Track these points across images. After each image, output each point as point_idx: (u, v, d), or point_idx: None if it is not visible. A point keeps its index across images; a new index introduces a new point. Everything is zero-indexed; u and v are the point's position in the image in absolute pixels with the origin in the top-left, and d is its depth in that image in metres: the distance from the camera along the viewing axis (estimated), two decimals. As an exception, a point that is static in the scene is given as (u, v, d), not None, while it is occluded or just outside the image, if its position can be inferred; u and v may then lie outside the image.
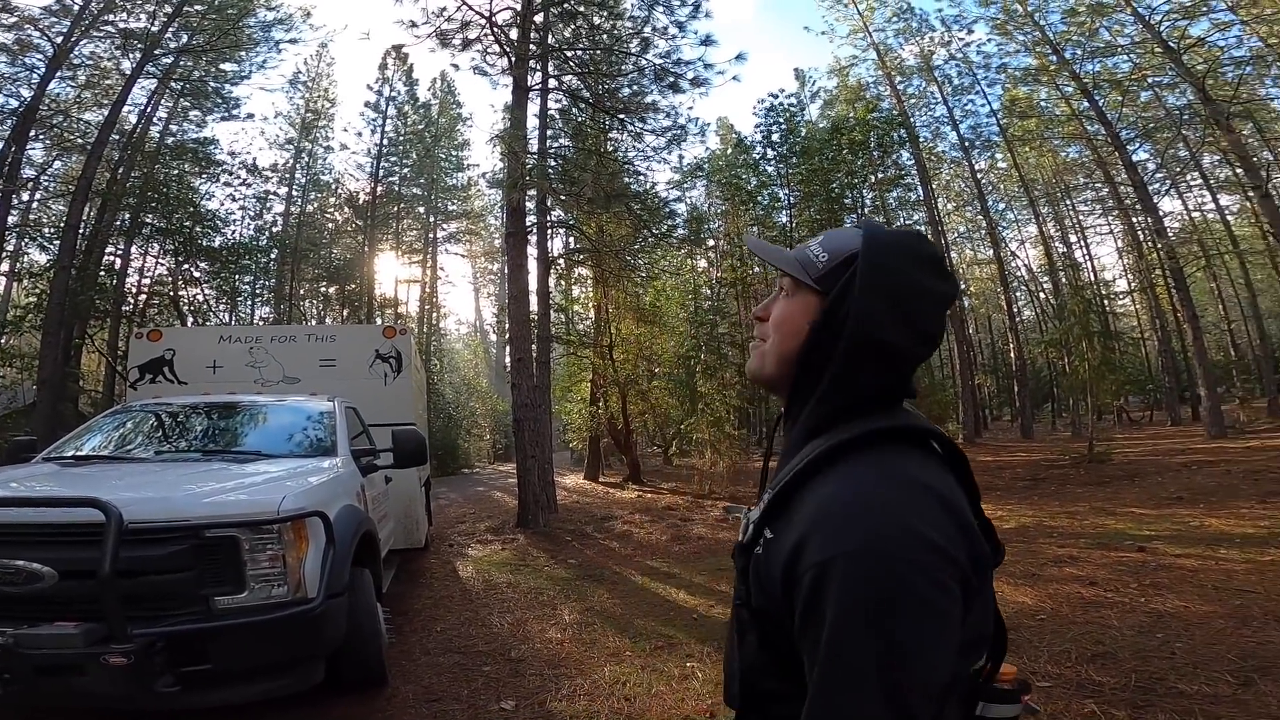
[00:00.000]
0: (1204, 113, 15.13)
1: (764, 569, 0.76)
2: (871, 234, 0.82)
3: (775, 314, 0.87)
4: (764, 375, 0.88)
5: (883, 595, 0.64)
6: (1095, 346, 12.47)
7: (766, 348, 0.87)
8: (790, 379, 0.85)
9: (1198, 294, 22.20)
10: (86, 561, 2.26)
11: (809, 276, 0.83)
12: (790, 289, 0.86)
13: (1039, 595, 4.64)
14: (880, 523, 0.67)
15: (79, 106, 15.90)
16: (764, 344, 0.88)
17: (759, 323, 0.90)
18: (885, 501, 0.69)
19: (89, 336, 16.43)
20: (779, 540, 0.74)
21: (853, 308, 0.77)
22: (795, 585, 0.69)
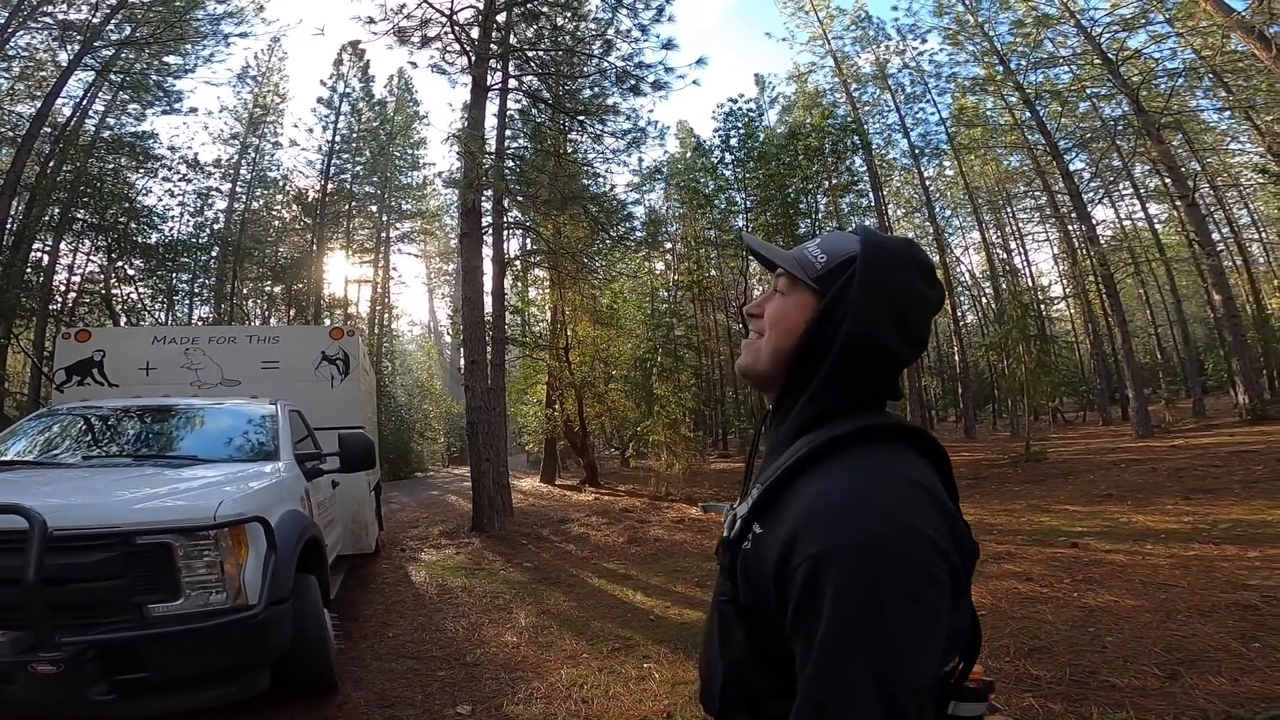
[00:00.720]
0: (1137, 123, 15.88)
1: (753, 564, 0.75)
2: (869, 239, 0.84)
3: (771, 311, 0.87)
4: (756, 371, 0.88)
5: (878, 590, 0.64)
6: (1032, 350, 12.99)
7: (761, 344, 0.87)
8: (782, 376, 0.85)
9: (1127, 299, 23.38)
10: (10, 569, 2.19)
11: (808, 276, 0.83)
12: (787, 288, 0.86)
13: (979, 591, 4.78)
14: (876, 517, 0.67)
15: (11, 98, 15.10)
16: (758, 340, 0.88)
17: (753, 319, 0.90)
18: (880, 496, 0.69)
19: (14, 336, 15.54)
20: (769, 535, 0.74)
21: (850, 308, 0.79)
22: (788, 579, 0.69)
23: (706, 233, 23.24)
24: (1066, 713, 2.87)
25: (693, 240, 22.84)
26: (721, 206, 21.38)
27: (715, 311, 25.84)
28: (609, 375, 16.27)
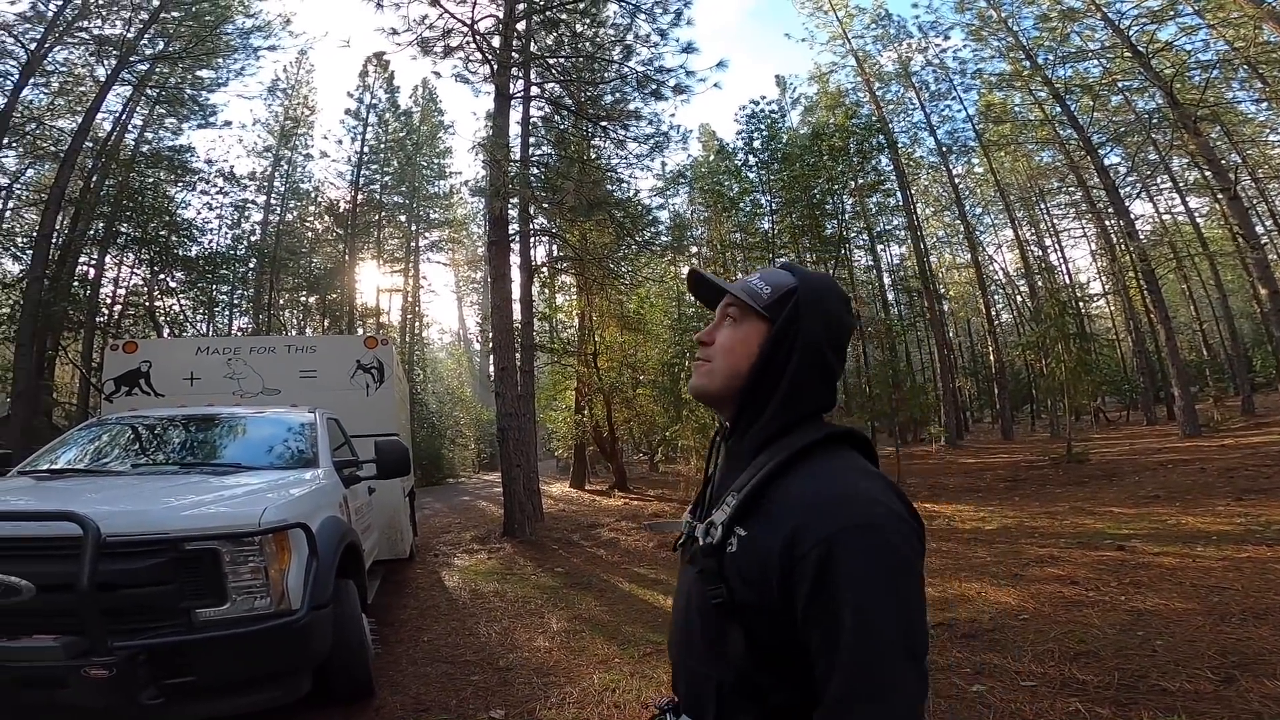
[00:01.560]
0: (1172, 116, 15.44)
1: (745, 563, 0.82)
2: (802, 273, 0.96)
3: (723, 338, 0.95)
4: (710, 391, 0.95)
5: (887, 562, 0.75)
6: (1071, 348, 12.68)
7: (714, 367, 0.95)
8: (737, 395, 0.93)
9: (1170, 295, 22.70)
10: (65, 575, 2.25)
11: (759, 305, 0.93)
12: (739, 316, 0.95)
13: (1021, 595, 4.68)
14: (866, 504, 0.78)
15: (52, 114, 15.65)
16: (709, 364, 0.96)
17: (703, 346, 0.97)
18: (865, 488, 0.81)
19: (63, 348, 16.11)
20: (759, 535, 0.82)
21: (802, 332, 0.90)
22: (794, 566, 0.76)
23: (732, 236, 23.16)
24: (1115, 717, 2.80)
25: (718, 244, 22.77)
26: (746, 209, 21.27)
27: (742, 314, 25.67)
28: (637, 380, 16.28)
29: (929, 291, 22.58)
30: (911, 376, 19.48)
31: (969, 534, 7.25)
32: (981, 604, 4.60)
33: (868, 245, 25.87)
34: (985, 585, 5.04)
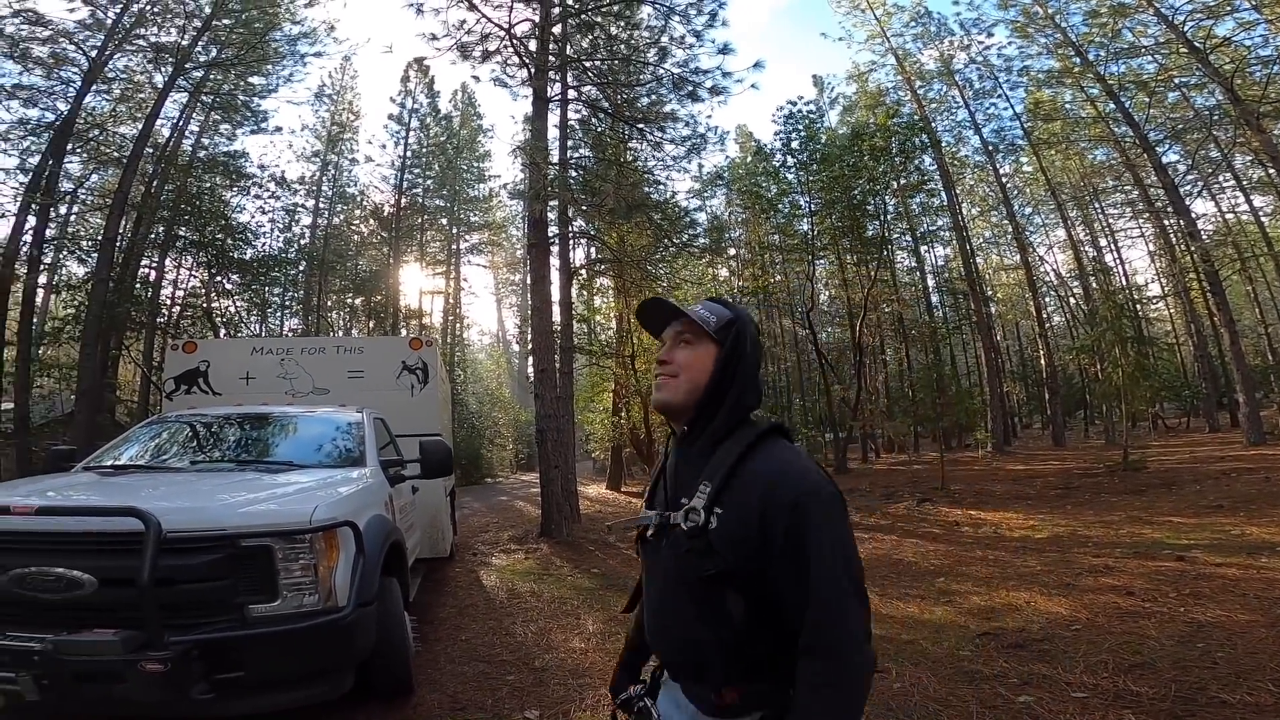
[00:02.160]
0: (1233, 113, 14.81)
1: (728, 533, 1.03)
2: (736, 306, 1.21)
3: (684, 358, 1.15)
4: (674, 403, 1.15)
5: (835, 516, 1.01)
6: (1128, 352, 12.19)
7: (677, 383, 1.14)
8: (694, 405, 1.14)
9: (1234, 297, 21.65)
10: (125, 570, 2.30)
11: (710, 330, 1.14)
12: (693, 339, 1.16)
13: (1074, 605, 4.53)
14: (814, 476, 1.05)
15: (114, 120, 16.28)
16: (673, 380, 1.15)
17: (665, 365, 1.16)
18: (807, 464, 1.07)
19: (125, 348, 16.82)
20: (735, 508, 1.04)
21: (747, 353, 1.15)
22: (772, 518, 1.00)
23: (770, 237, 22.94)
24: (1170, 728, 2.69)
25: (756, 245, 22.60)
26: (785, 210, 21.04)
27: (781, 318, 25.44)
28: (674, 382, 16.25)
29: (975, 293, 21.98)
30: (956, 380, 19.01)
31: (1017, 542, 7.03)
32: (1030, 613, 4.46)
33: (911, 246, 25.33)
34: (1034, 595, 4.89)
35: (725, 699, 1.06)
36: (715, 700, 1.07)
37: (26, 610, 2.37)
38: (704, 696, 1.09)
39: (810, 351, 20.80)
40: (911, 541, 7.54)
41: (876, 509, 10.20)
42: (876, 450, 23.44)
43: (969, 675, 3.46)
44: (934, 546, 7.16)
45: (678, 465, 1.18)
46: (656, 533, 1.14)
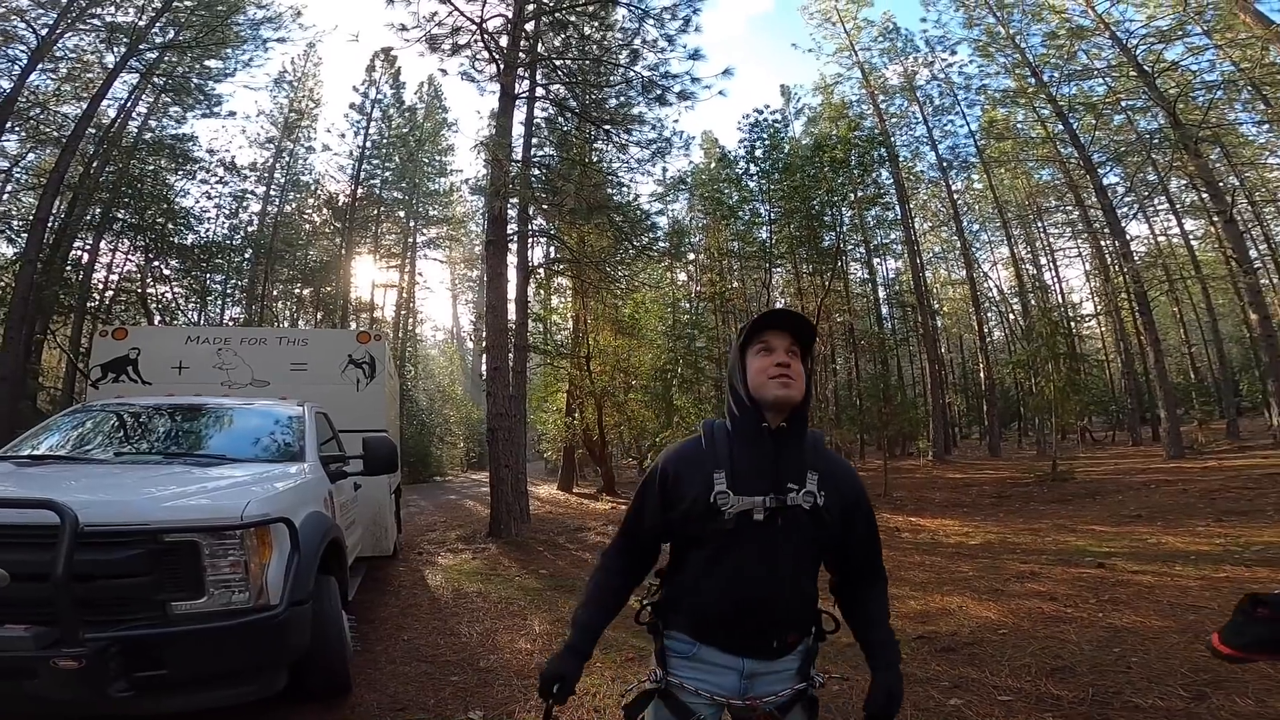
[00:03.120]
0: (1173, 137, 15.53)
1: (832, 509, 1.35)
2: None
3: (796, 367, 1.35)
4: (796, 400, 1.35)
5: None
6: (1061, 368, 12.78)
7: (799, 384, 1.35)
8: (798, 406, 1.36)
9: (1161, 317, 22.85)
10: (40, 564, 2.21)
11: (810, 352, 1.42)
12: (799, 355, 1.38)
13: (1002, 610, 4.71)
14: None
15: (58, 99, 15.50)
16: (796, 381, 1.34)
17: (787, 367, 1.34)
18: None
19: (51, 332, 16.00)
20: (831, 491, 1.35)
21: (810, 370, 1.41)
22: (856, 500, 1.42)
23: (730, 244, 23.19)
24: (1088, 732, 2.82)
25: (715, 251, 22.81)
26: (745, 218, 21.32)
27: (737, 324, 25.75)
28: (629, 385, 16.29)
29: (923, 307, 22.68)
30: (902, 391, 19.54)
31: (953, 548, 7.28)
32: (962, 618, 4.63)
33: (864, 258, 25.98)
34: (966, 599, 5.07)
35: (789, 640, 1.37)
36: (779, 646, 1.35)
37: None
38: (767, 646, 1.35)
39: (764, 358, 21.02)
40: (854, 546, 7.70)
41: (822, 514, 10.39)
42: (825, 456, 23.86)
43: (904, 678, 3.55)
44: (875, 551, 7.33)
45: (771, 456, 1.34)
46: (772, 514, 1.30)
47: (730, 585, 1.32)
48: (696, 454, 1.39)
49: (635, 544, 1.47)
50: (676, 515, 1.36)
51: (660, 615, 1.44)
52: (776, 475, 1.33)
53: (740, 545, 1.31)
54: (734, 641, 1.34)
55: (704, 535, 1.33)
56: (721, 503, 1.30)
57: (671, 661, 1.39)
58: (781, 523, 1.31)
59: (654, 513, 1.41)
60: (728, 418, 1.43)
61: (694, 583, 1.37)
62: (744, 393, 1.37)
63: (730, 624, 1.34)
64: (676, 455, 1.42)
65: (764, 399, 1.34)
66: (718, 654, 1.35)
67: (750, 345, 1.40)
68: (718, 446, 1.37)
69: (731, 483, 1.31)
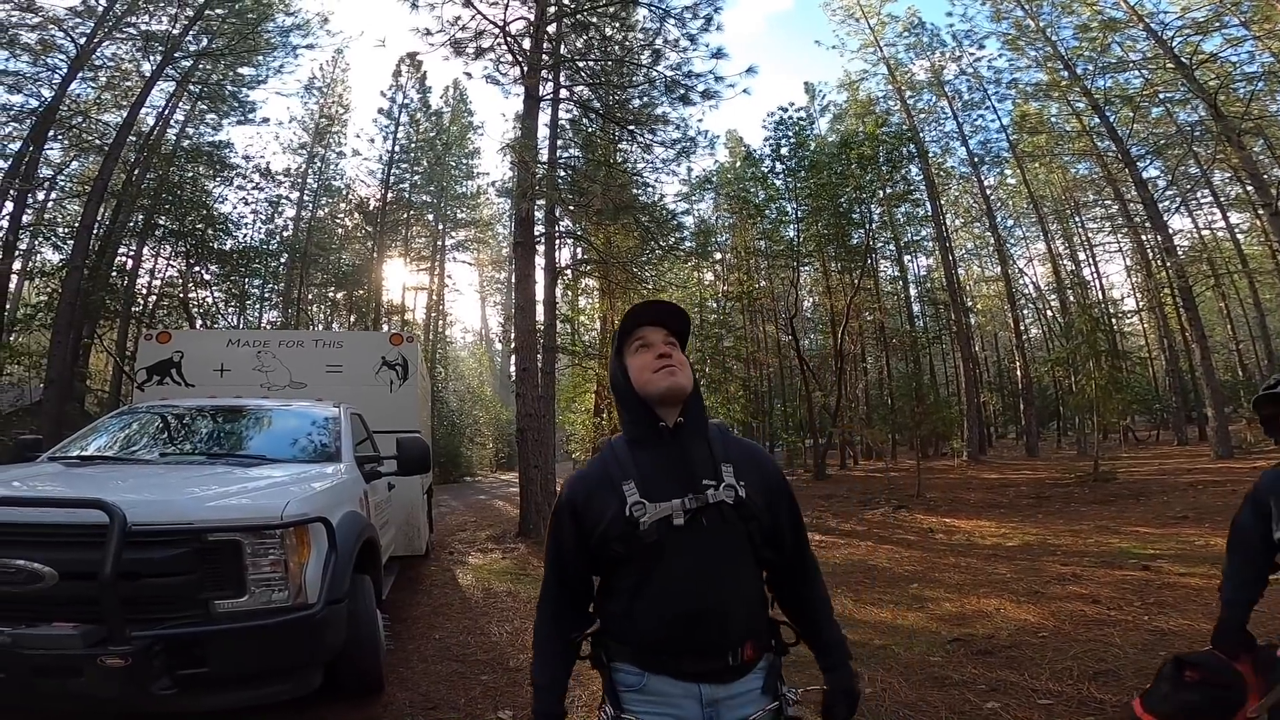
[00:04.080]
0: (1215, 129, 15.10)
1: (755, 498, 1.25)
2: None
3: (678, 357, 1.31)
4: (688, 389, 1.30)
5: None
6: (1102, 365, 12.44)
7: (685, 372, 1.30)
8: (690, 395, 1.31)
9: (1206, 313, 22.08)
10: (88, 563, 2.25)
11: (683, 340, 1.38)
12: (678, 345, 1.35)
13: (1042, 613, 4.60)
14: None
15: (98, 108, 15.97)
16: (682, 369, 1.29)
17: (669, 357, 1.29)
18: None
19: (98, 336, 16.52)
20: (750, 479, 1.26)
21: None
22: (775, 484, 1.33)
23: (756, 243, 23.05)
24: (1133, 739, 2.73)
25: (742, 250, 22.69)
26: (772, 216, 21.16)
27: (765, 323, 25.58)
28: (656, 384, 16.26)
29: (956, 304, 22.26)
30: (935, 390, 19.21)
31: (989, 550, 7.13)
32: (1000, 620, 4.53)
33: (894, 256, 25.59)
34: (1004, 602, 4.96)
35: (746, 654, 1.22)
36: (734, 661, 1.21)
37: None
38: (723, 666, 1.21)
39: (792, 357, 20.93)
40: (886, 548, 7.61)
41: (853, 515, 10.28)
42: (855, 457, 23.64)
43: (939, 681, 3.49)
44: (908, 553, 7.23)
45: (676, 456, 1.27)
46: (694, 515, 1.21)
47: (665, 603, 1.20)
48: (601, 472, 1.29)
49: (565, 586, 1.34)
50: (595, 541, 1.25)
51: (601, 646, 1.30)
52: (689, 474, 1.24)
53: (667, 557, 1.20)
54: (684, 667, 1.20)
55: (628, 554, 1.21)
56: (638, 514, 1.19)
57: (623, 696, 1.24)
58: (707, 524, 1.21)
59: (573, 547, 1.30)
60: (623, 428, 1.35)
61: (627, 607, 1.24)
62: (631, 395, 1.30)
63: (675, 647, 1.20)
64: (580, 479, 1.33)
65: (652, 394, 1.27)
66: (670, 683, 1.21)
67: (627, 346, 1.34)
68: (620, 459, 1.28)
69: (644, 490, 1.22)
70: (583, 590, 1.35)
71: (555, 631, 1.32)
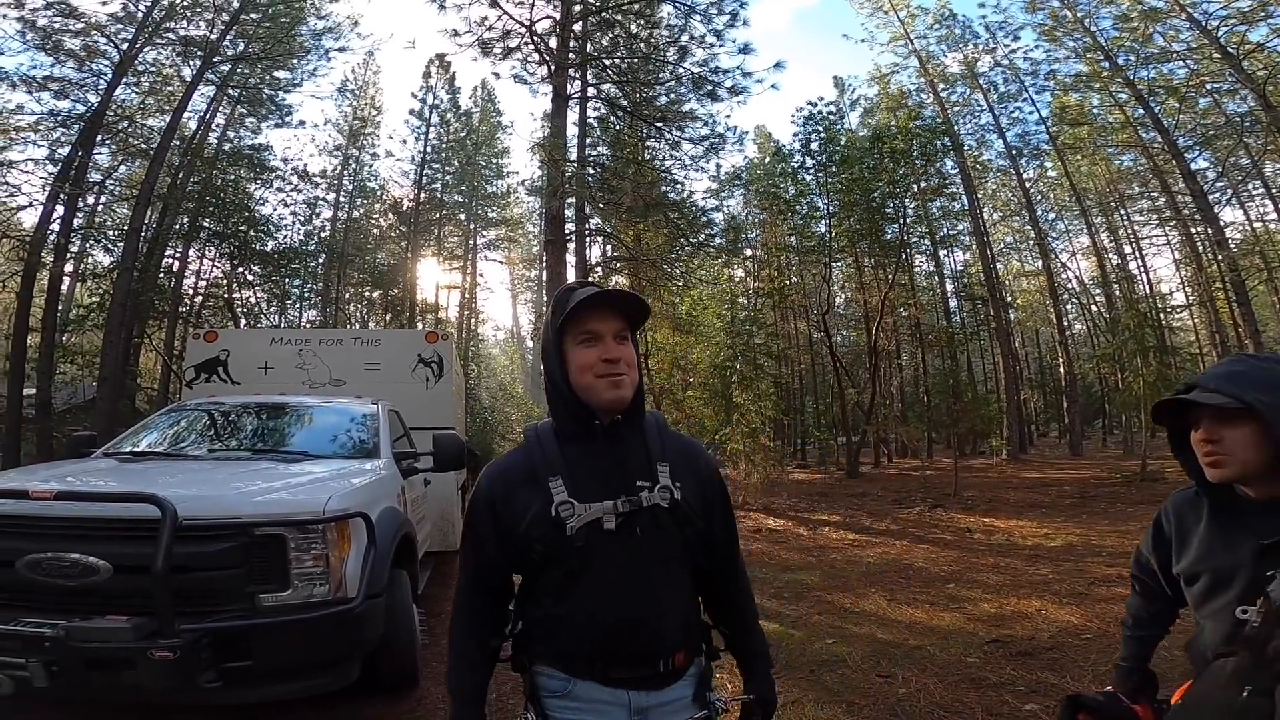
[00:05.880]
0: (1266, 120, 14.53)
1: (691, 500, 1.19)
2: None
3: (628, 355, 1.18)
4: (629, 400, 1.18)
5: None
6: (1150, 362, 12.04)
7: (630, 379, 1.18)
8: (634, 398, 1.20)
9: (1260, 307, 21.22)
10: (141, 556, 2.31)
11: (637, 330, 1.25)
12: (629, 336, 1.20)
13: (1086, 614, 4.49)
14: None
15: (143, 112, 16.45)
16: (626, 377, 1.16)
17: (616, 363, 1.15)
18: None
19: (148, 336, 17.08)
20: (685, 480, 1.19)
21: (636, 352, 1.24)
22: (710, 483, 1.26)
23: (787, 239, 22.80)
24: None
25: (773, 247, 22.46)
26: (803, 212, 20.90)
27: (796, 319, 25.30)
28: (687, 383, 16.21)
29: (994, 299, 21.73)
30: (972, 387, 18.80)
31: (1029, 550, 6.95)
32: (1040, 622, 4.42)
33: (930, 251, 25.09)
34: (1045, 603, 4.84)
35: (677, 661, 1.17)
36: (664, 669, 1.16)
37: (40, 596, 2.38)
38: (653, 674, 1.15)
39: (825, 354, 20.68)
40: (922, 547, 7.47)
41: (888, 514, 10.12)
42: (889, 455, 23.26)
43: (976, 682, 3.43)
44: (945, 553, 7.09)
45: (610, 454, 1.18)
46: (626, 519, 1.12)
47: (594, 610, 1.13)
48: (525, 464, 1.19)
49: (482, 587, 1.25)
50: (517, 540, 1.15)
51: (522, 649, 1.24)
52: (623, 474, 1.15)
53: (596, 562, 1.12)
54: (611, 673, 1.14)
55: (553, 556, 1.13)
56: (565, 514, 1.11)
57: (546, 702, 1.18)
58: (640, 528, 1.13)
59: (492, 545, 1.19)
60: (552, 418, 1.23)
61: (552, 612, 1.17)
62: (567, 390, 1.18)
63: (603, 654, 1.14)
64: (500, 472, 1.22)
65: (592, 402, 1.16)
66: (597, 689, 1.14)
67: (569, 332, 1.17)
68: (546, 451, 1.17)
69: (573, 490, 1.13)
70: (503, 590, 1.26)
71: (474, 639, 1.24)
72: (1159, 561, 1.40)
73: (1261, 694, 0.96)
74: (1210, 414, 1.17)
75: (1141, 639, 1.52)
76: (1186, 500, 1.34)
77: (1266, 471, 1.13)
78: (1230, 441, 1.14)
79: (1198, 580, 1.26)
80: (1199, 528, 1.27)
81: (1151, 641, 1.55)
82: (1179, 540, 1.33)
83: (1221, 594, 1.17)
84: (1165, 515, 1.39)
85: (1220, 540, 1.22)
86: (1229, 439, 1.14)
